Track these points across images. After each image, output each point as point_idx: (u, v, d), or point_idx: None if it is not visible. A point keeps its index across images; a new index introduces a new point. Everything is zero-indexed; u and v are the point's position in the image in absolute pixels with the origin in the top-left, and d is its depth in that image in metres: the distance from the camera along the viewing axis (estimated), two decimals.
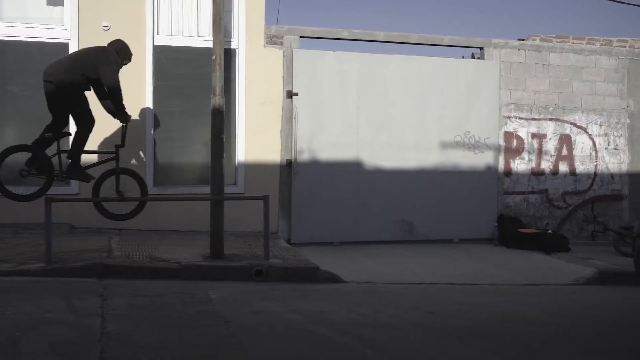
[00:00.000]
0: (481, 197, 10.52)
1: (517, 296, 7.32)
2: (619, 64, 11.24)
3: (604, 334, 5.81)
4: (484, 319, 6.10)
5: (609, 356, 5.07)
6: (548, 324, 6.03)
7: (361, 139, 10.05)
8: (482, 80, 10.61)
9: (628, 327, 6.17)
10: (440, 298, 6.97)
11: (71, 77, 7.06)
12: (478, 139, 10.50)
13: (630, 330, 6.05)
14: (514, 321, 6.08)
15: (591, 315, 6.55)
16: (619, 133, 11.23)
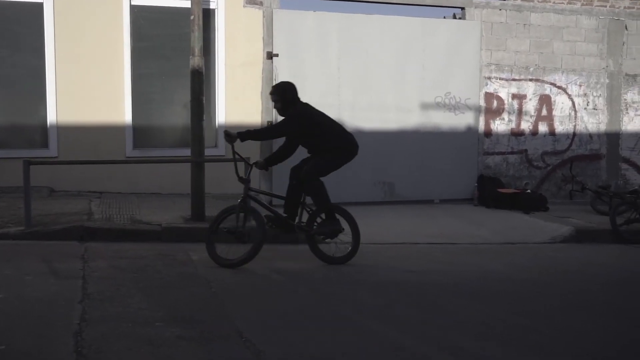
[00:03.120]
0: (461, 158, 10.56)
1: (496, 255, 7.42)
2: (599, 24, 11.22)
3: (582, 290, 5.92)
4: (464, 277, 6.19)
5: (588, 311, 5.17)
6: (527, 281, 6.13)
7: (342, 101, 10.00)
8: (463, 40, 10.55)
9: (604, 283, 6.29)
10: (421, 257, 7.05)
11: None
12: (459, 99, 10.49)
13: (607, 286, 6.18)
14: (493, 279, 6.18)
15: (569, 272, 6.67)
16: (598, 93, 11.28)
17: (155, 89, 9.51)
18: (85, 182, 8.97)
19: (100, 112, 9.11)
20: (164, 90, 9.54)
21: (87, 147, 8.95)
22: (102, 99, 9.12)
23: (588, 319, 4.95)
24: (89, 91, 9.04)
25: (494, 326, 4.64)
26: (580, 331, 4.63)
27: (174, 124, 9.54)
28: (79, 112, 9.05)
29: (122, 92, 9.22)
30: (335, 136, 6.62)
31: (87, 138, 9.03)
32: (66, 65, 8.98)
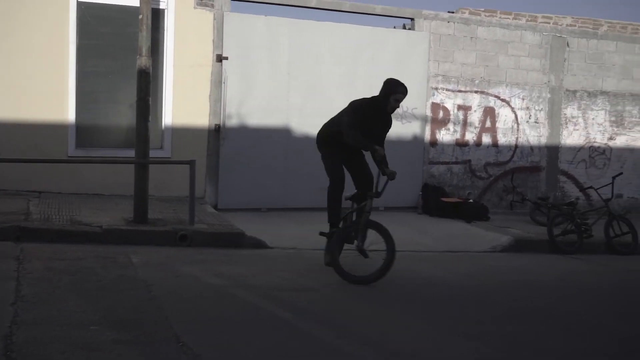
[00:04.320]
0: (407, 167, 10.69)
1: (438, 262, 7.56)
2: (543, 40, 11.58)
3: (518, 297, 6.09)
4: (407, 284, 6.29)
5: (520, 318, 5.32)
6: (467, 288, 6.27)
7: (291, 105, 10.03)
8: (412, 51, 10.73)
9: (540, 290, 6.48)
10: None
11: None
12: (406, 109, 10.64)
13: (542, 293, 6.36)
14: (435, 285, 6.31)
15: (506, 281, 6.85)
16: (540, 107, 11.62)
17: (101, 88, 9.35)
18: (25, 182, 8.74)
19: (42, 110, 8.90)
20: (110, 90, 9.38)
21: (28, 145, 8.73)
22: (45, 97, 8.91)
23: (528, 326, 5.10)
24: (31, 88, 8.83)
25: (435, 332, 4.74)
26: (520, 338, 4.77)
27: (120, 124, 9.40)
28: (19, 109, 8.82)
29: (66, 90, 9.03)
30: None
31: (28, 136, 8.81)
32: (7, 61, 8.75)
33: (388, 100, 6.36)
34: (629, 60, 12.08)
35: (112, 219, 7.45)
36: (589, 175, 11.95)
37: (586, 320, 5.40)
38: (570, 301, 6.14)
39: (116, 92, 9.37)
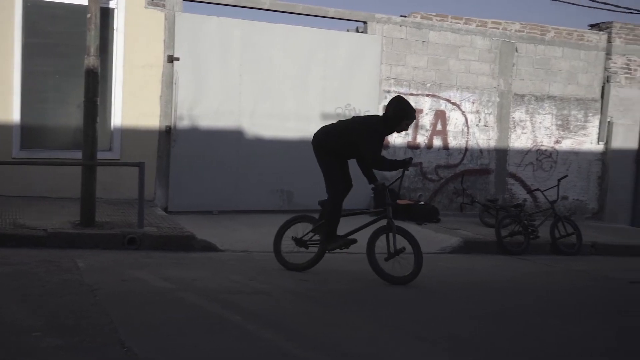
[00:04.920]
0: (359, 169, 10.75)
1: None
2: (492, 45, 11.83)
3: (469, 299, 6.21)
4: (359, 286, 6.34)
5: (471, 319, 5.42)
6: (418, 289, 6.35)
7: (243, 107, 10.01)
8: (364, 54, 10.83)
9: (489, 291, 6.62)
10: (318, 266, 7.12)
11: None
12: (358, 111, 10.71)
13: (491, 294, 6.50)
14: (386, 287, 6.36)
15: (456, 282, 6.97)
16: (489, 111, 11.87)
17: (47, 88, 9.16)
18: None
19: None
20: (57, 89, 9.20)
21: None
22: None
23: (479, 327, 5.20)
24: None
25: (386, 334, 4.80)
26: (471, 339, 4.87)
27: (67, 125, 9.22)
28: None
29: (10, 89, 8.82)
30: None
31: None
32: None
33: (401, 124, 6.49)
34: (575, 65, 12.44)
35: (58, 222, 7.31)
36: (536, 177, 12.26)
37: (534, 321, 5.53)
38: (518, 301, 6.28)
39: (64, 92, 9.19)
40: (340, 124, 6.77)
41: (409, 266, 6.43)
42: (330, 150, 6.47)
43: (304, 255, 6.71)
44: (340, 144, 6.45)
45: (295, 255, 6.71)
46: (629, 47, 12.78)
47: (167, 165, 9.59)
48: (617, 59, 12.68)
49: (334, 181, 6.57)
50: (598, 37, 12.62)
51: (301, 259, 6.69)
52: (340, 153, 6.50)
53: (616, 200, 12.88)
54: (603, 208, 12.88)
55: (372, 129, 6.40)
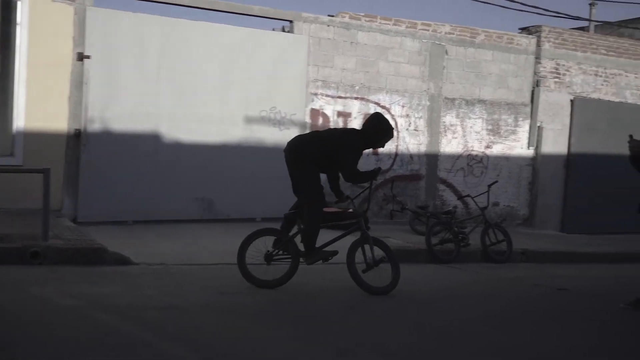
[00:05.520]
0: (285, 175, 10.73)
1: (316, 274, 7.64)
2: (422, 47, 12.07)
3: (395, 310, 6.28)
4: (277, 297, 6.31)
5: (397, 331, 5.48)
6: (344, 301, 6.39)
7: (161, 110, 9.85)
8: (291, 54, 10.84)
9: (416, 301, 6.72)
10: (235, 278, 7.05)
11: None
12: (284, 114, 10.75)
13: (419, 304, 6.60)
14: (313, 299, 6.37)
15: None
16: (420, 115, 12.10)
17: None
18: None
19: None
20: None
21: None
22: None
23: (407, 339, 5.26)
24: None
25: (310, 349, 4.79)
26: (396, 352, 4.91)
27: None
28: None
29: None
30: None
31: None
32: None
33: (380, 141, 6.86)
34: (505, 69, 12.85)
35: None
36: (467, 183, 12.58)
37: (464, 330, 5.64)
38: (446, 311, 6.40)
39: None
40: (319, 135, 7.05)
41: (387, 277, 6.74)
42: (311, 160, 6.63)
43: (274, 269, 6.64)
44: (320, 155, 6.64)
45: (264, 270, 6.63)
46: (557, 52, 13.30)
47: (77, 171, 9.31)
48: (546, 63, 13.18)
49: (315, 192, 6.70)
50: (528, 41, 13.09)
51: (272, 274, 6.62)
52: (318, 164, 6.68)
53: (546, 205, 13.36)
54: (533, 214, 13.34)
55: (352, 143, 6.67)
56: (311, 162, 6.63)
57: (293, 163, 6.71)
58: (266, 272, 6.61)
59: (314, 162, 6.63)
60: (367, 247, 6.82)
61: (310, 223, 6.70)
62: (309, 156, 6.62)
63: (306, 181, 6.67)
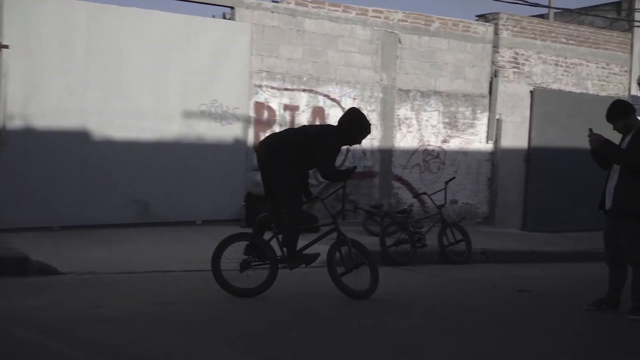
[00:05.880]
0: (228, 174, 10.74)
1: None
2: (374, 36, 12.14)
3: (342, 316, 6.29)
4: (220, 307, 6.28)
5: (344, 337, 5.49)
6: (289, 308, 6.39)
7: (89, 105, 9.68)
8: (232, 43, 10.78)
9: (368, 307, 6.75)
10: (174, 287, 7.02)
11: None
12: (226, 108, 10.68)
13: (370, 310, 6.63)
14: (252, 307, 6.33)
15: (334, 297, 7.05)
16: (372, 107, 12.16)
17: None
18: None
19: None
20: None
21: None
22: None
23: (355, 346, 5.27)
24: None
25: None
26: None
27: None
28: None
29: None
30: None
31: None
32: None
33: (357, 139, 7.17)
34: (461, 59, 13.02)
35: None
36: (423, 180, 12.70)
37: (421, 339, 5.67)
38: (401, 318, 6.44)
39: None
40: (294, 133, 7.34)
41: (366, 280, 6.97)
42: (289, 159, 6.72)
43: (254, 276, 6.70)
44: (297, 153, 6.76)
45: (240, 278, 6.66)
46: (516, 40, 13.55)
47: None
48: (504, 53, 13.41)
49: (295, 193, 6.83)
50: (485, 29, 13.29)
51: (250, 282, 6.65)
52: (294, 163, 6.78)
53: (507, 202, 13.59)
54: (493, 212, 13.55)
55: (330, 140, 6.87)
56: (288, 161, 6.73)
57: (268, 163, 6.82)
58: (243, 280, 6.65)
59: (291, 161, 6.74)
60: (345, 249, 7.04)
61: (291, 225, 6.85)
62: (286, 155, 6.74)
63: (284, 182, 6.76)
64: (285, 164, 6.71)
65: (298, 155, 6.75)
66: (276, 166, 6.72)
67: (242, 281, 6.65)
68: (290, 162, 6.73)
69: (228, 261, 6.62)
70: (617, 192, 6.69)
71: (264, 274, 6.72)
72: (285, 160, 6.71)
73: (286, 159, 6.72)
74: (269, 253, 6.79)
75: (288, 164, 6.72)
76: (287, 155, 6.72)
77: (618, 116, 6.81)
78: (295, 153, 6.74)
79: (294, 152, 6.74)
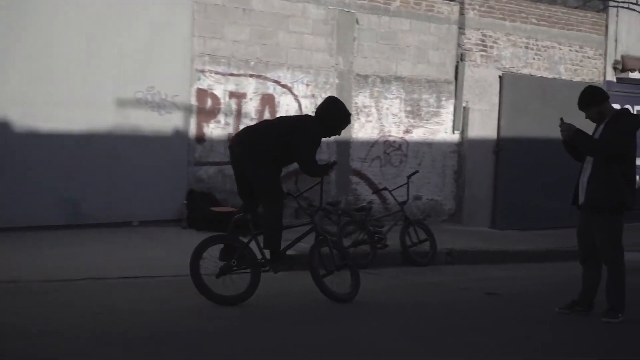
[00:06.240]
0: (167, 169, 10.69)
1: None
2: (329, 15, 12.16)
3: (290, 324, 6.32)
4: (159, 318, 6.26)
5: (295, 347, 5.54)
6: (230, 318, 6.39)
7: (9, 93, 9.57)
8: (171, 23, 10.72)
9: (323, 315, 6.80)
10: (109, 296, 6.98)
11: None
12: (164, 96, 10.63)
13: (326, 317, 6.68)
14: (195, 316, 6.35)
15: (281, 304, 7.13)
16: (327, 95, 12.11)
17: None
18: None
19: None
20: None
21: None
22: None
23: None
24: None
25: None
26: None
27: None
28: None
29: None
30: None
31: None
32: None
33: (339, 128, 7.44)
34: (424, 41, 13.14)
35: None
36: (384, 174, 12.80)
37: (381, 349, 5.74)
38: (360, 325, 6.51)
39: None
40: (271, 125, 7.51)
41: (346, 282, 7.28)
42: (267, 154, 6.92)
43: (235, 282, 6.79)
44: (276, 147, 6.95)
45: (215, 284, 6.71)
46: (484, 21, 13.73)
47: None
48: (471, 34, 13.57)
49: (275, 189, 7.07)
50: (450, 9, 13.43)
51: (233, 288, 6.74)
52: (274, 158, 6.99)
53: (475, 198, 13.77)
54: (460, 208, 13.73)
55: (310, 132, 7.11)
56: (266, 155, 6.89)
57: (244, 159, 6.96)
58: (219, 287, 6.70)
59: (268, 155, 6.91)
60: (325, 249, 7.34)
61: (273, 224, 7.04)
62: (263, 149, 6.89)
63: (263, 177, 6.95)
64: (263, 158, 6.89)
65: (276, 149, 6.93)
66: (253, 161, 6.89)
67: (219, 288, 6.71)
68: (267, 157, 6.90)
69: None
70: (591, 184, 6.83)
71: (243, 279, 6.81)
72: (262, 155, 6.89)
73: (263, 153, 6.89)
74: (249, 256, 6.90)
75: (266, 158, 6.90)
76: (264, 150, 6.90)
77: (590, 104, 6.96)
78: (273, 147, 6.92)
79: (271, 145, 6.92)
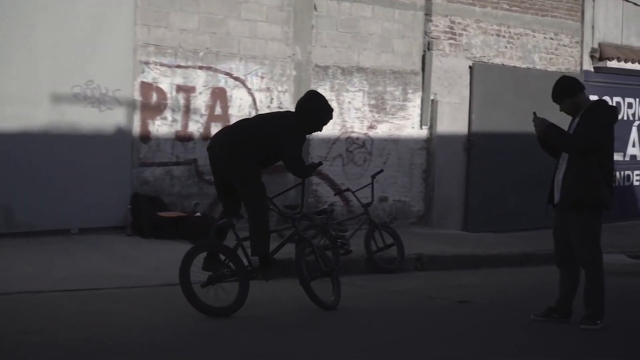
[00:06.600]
0: (109, 171, 10.67)
1: (151, 300, 7.67)
2: (284, 1, 12.23)
3: (250, 338, 6.42)
4: (99, 332, 6.30)
5: None
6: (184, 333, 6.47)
7: None
8: (112, 10, 10.72)
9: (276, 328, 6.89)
10: (47, 311, 6.97)
11: None
12: (105, 91, 10.61)
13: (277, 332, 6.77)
14: (140, 332, 6.41)
15: (251, 316, 7.19)
16: (284, 88, 12.28)
17: None
18: None
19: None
20: None
21: None
22: None
23: None
24: None
25: None
26: None
27: None
28: None
29: None
30: None
31: None
32: None
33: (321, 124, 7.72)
34: (388, 28, 13.29)
35: None
36: (347, 174, 12.93)
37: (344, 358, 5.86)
38: (320, 339, 6.60)
39: None
40: (251, 124, 7.71)
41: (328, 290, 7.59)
42: (249, 154, 7.12)
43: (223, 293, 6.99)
44: (258, 147, 7.17)
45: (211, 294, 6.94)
46: (452, 6, 13.92)
47: None
48: (438, 21, 13.75)
49: (260, 191, 7.26)
50: None
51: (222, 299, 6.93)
52: (257, 159, 7.22)
53: (445, 198, 13.95)
54: (430, 210, 13.90)
55: (294, 129, 7.30)
56: (248, 156, 7.08)
57: (224, 161, 7.12)
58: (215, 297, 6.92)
59: (251, 156, 7.10)
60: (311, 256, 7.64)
61: (261, 226, 7.24)
62: (246, 150, 7.08)
63: (247, 180, 7.13)
64: (245, 159, 7.08)
65: (259, 149, 7.16)
66: (234, 162, 7.07)
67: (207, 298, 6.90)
68: (249, 157, 7.10)
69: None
70: (567, 181, 6.99)
71: (230, 288, 7.00)
72: (243, 155, 7.07)
73: (245, 154, 7.07)
74: (236, 264, 7.08)
75: (247, 159, 7.09)
76: (245, 150, 7.08)
77: (564, 95, 7.13)
78: (256, 147, 7.13)
79: (253, 145, 7.13)
